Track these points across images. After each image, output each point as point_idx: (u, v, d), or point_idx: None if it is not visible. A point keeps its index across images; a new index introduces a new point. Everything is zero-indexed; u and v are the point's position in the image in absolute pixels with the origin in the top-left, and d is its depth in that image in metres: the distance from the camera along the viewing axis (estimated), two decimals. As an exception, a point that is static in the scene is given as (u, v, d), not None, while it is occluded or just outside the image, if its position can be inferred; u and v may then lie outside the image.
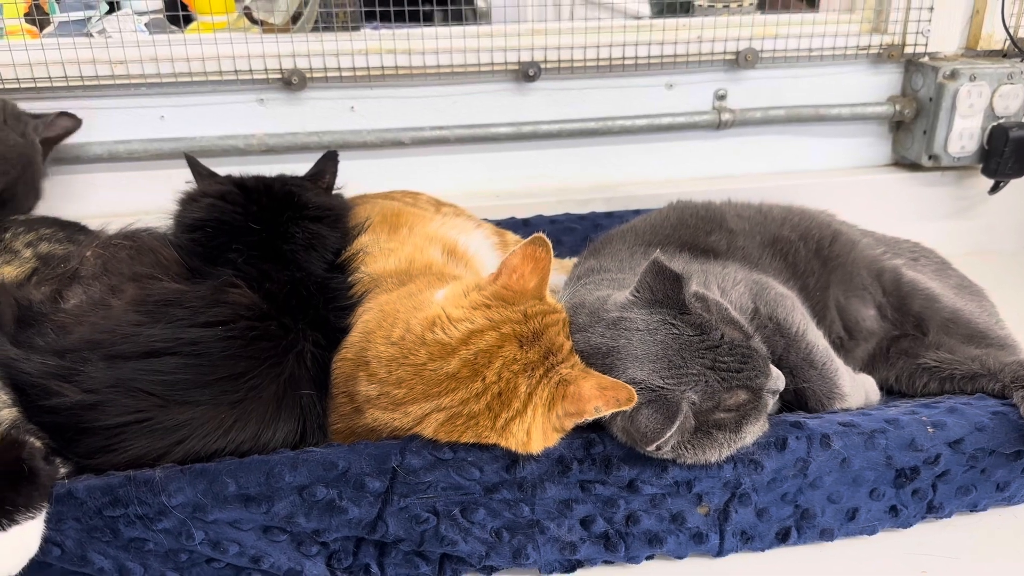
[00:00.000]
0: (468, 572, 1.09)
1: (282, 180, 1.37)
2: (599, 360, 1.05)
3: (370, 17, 1.80)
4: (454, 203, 1.67)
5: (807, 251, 1.38)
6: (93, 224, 1.54)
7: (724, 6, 2.06)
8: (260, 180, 1.36)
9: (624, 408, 0.97)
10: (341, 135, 1.76)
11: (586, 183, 1.94)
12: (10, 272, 1.30)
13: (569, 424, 1.02)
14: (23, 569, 0.92)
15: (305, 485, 0.99)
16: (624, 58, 1.83)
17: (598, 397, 0.98)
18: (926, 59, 1.97)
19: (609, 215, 1.86)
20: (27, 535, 0.90)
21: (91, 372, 1.04)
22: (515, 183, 1.90)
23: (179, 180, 1.73)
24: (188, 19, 1.90)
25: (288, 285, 1.16)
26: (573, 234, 1.83)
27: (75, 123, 1.58)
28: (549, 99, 1.86)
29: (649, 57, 1.85)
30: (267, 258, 1.21)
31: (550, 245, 1.05)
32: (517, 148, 1.88)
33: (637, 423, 0.98)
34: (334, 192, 1.43)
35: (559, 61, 1.80)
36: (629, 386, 0.97)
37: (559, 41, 1.79)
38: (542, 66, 1.80)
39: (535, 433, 0.99)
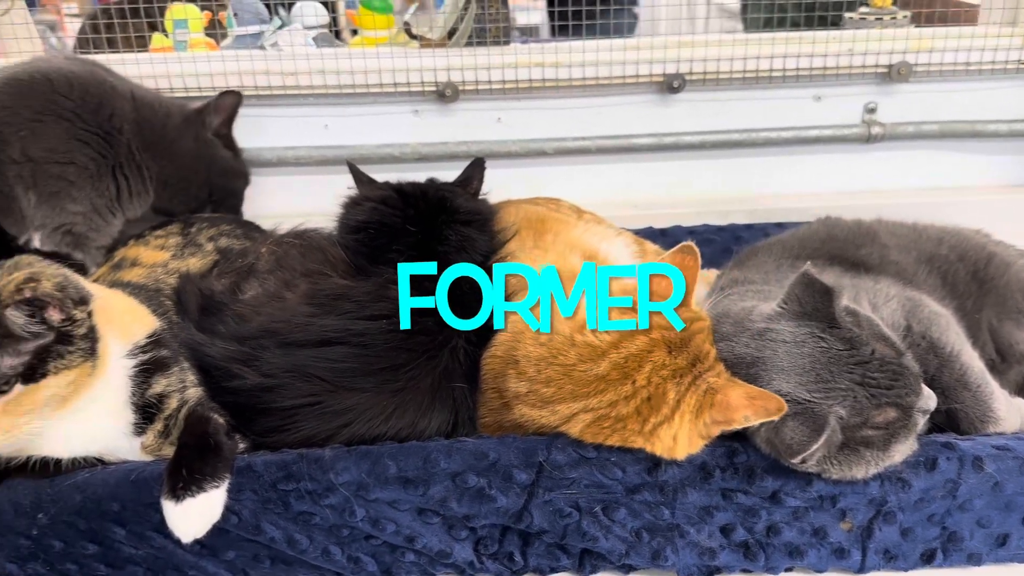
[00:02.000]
0: (607, 569, 1.12)
1: (435, 186, 1.45)
2: (743, 370, 1.06)
3: (526, 32, 1.87)
4: (593, 211, 1.71)
5: (965, 271, 1.34)
6: (265, 223, 1.67)
7: (876, 19, 2.01)
8: (416, 185, 1.44)
9: (772, 418, 0.98)
10: (488, 144, 1.83)
11: (727, 194, 1.94)
12: (194, 263, 1.44)
13: (715, 431, 1.03)
14: (205, 534, 1.01)
15: (458, 472, 1.05)
16: (771, 70, 1.82)
17: (747, 407, 0.99)
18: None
19: (750, 227, 1.85)
20: (212, 502, 1.01)
21: (269, 358, 1.14)
22: (654, 193, 1.92)
23: (340, 185, 1.86)
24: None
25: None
26: (712, 245, 1.83)
27: (237, 98, 1.66)
28: (692, 110, 1.88)
29: (798, 69, 1.83)
30: (424, 258, 1.29)
31: (698, 253, 1.07)
32: (658, 159, 1.90)
33: (782, 435, 0.98)
34: (480, 197, 1.51)
35: (704, 73, 1.82)
36: (778, 396, 0.97)
37: (706, 53, 1.80)
38: (687, 78, 1.81)
39: (681, 439, 1.01)
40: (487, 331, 1.21)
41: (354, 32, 2.16)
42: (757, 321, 1.09)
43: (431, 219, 1.35)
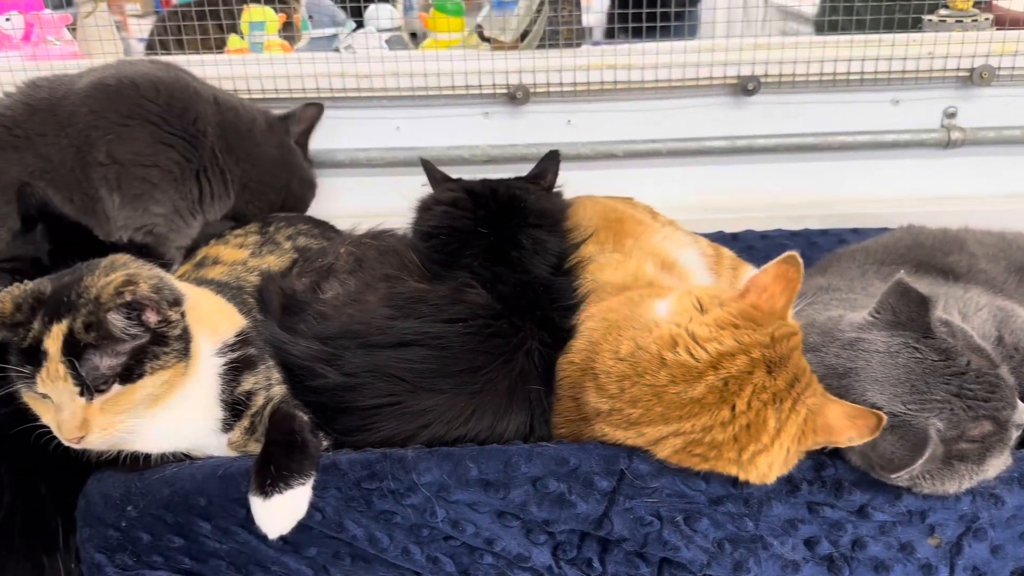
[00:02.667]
0: (686, 579, 1.11)
1: (506, 185, 1.45)
2: (834, 381, 1.03)
3: (590, 33, 1.86)
4: (659, 212, 1.69)
5: (1059, 281, 1.30)
6: (337, 223, 1.69)
7: (957, 21, 1.95)
8: (487, 185, 1.44)
9: (874, 436, 0.95)
10: (557, 147, 1.80)
11: (800, 199, 1.90)
12: (273, 261, 1.46)
13: (812, 449, 1.01)
14: (289, 530, 1.03)
15: (539, 477, 1.05)
16: (849, 73, 1.79)
17: (849, 427, 0.95)
18: None
19: (824, 233, 1.81)
20: (298, 499, 1.02)
21: (350, 358, 1.15)
22: (726, 197, 1.90)
23: (410, 186, 1.87)
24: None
25: (517, 287, 1.23)
26: (785, 250, 1.77)
27: (319, 110, 1.72)
28: (766, 113, 1.85)
29: (876, 73, 1.79)
30: (497, 261, 1.29)
31: (801, 264, 1.03)
32: (730, 162, 1.88)
33: (881, 450, 0.96)
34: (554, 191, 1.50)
35: (780, 76, 1.79)
36: (878, 412, 0.95)
37: (782, 55, 1.77)
38: (762, 80, 1.78)
39: (777, 467, 0.98)
40: (562, 333, 1.20)
41: (412, 35, 2.18)
42: (847, 331, 1.07)
43: (502, 221, 1.35)
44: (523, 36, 1.78)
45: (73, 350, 0.93)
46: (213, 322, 1.09)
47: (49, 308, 0.95)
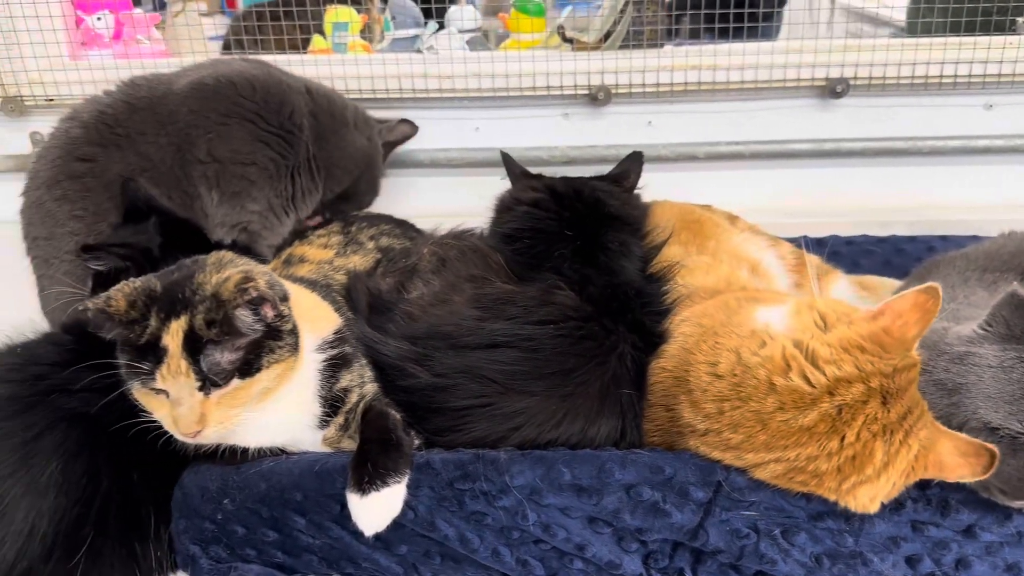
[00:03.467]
0: (781, 593, 1.08)
1: (590, 186, 1.45)
2: (943, 399, 1.00)
3: (673, 34, 1.84)
4: (742, 217, 1.67)
5: None
6: (416, 223, 1.70)
7: (1056, 21, 1.88)
8: (570, 185, 1.44)
9: (988, 475, 0.91)
10: (637, 148, 1.79)
11: (887, 204, 1.85)
12: (358, 261, 1.48)
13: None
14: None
15: (633, 484, 1.03)
16: (942, 76, 1.73)
17: (961, 466, 0.92)
18: None
19: (912, 239, 1.76)
20: (394, 496, 1.03)
21: (441, 358, 1.16)
22: (810, 201, 1.86)
23: (488, 186, 1.87)
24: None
25: (607, 289, 1.22)
26: (871, 257, 1.76)
27: (413, 129, 1.75)
28: (853, 116, 1.81)
29: (970, 76, 1.73)
30: (584, 263, 1.28)
31: (940, 296, 0.97)
32: (815, 165, 1.84)
33: (1005, 475, 0.91)
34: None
35: (869, 78, 1.74)
36: (991, 447, 0.90)
37: (872, 58, 1.73)
38: (851, 83, 1.74)
39: (880, 498, 0.95)
40: (653, 338, 1.19)
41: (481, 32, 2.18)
42: (955, 344, 1.03)
43: (587, 223, 1.34)
44: (606, 37, 1.77)
45: (193, 346, 0.96)
46: (313, 318, 1.11)
47: (163, 305, 0.98)
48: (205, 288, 0.98)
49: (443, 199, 1.88)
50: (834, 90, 1.75)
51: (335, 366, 1.11)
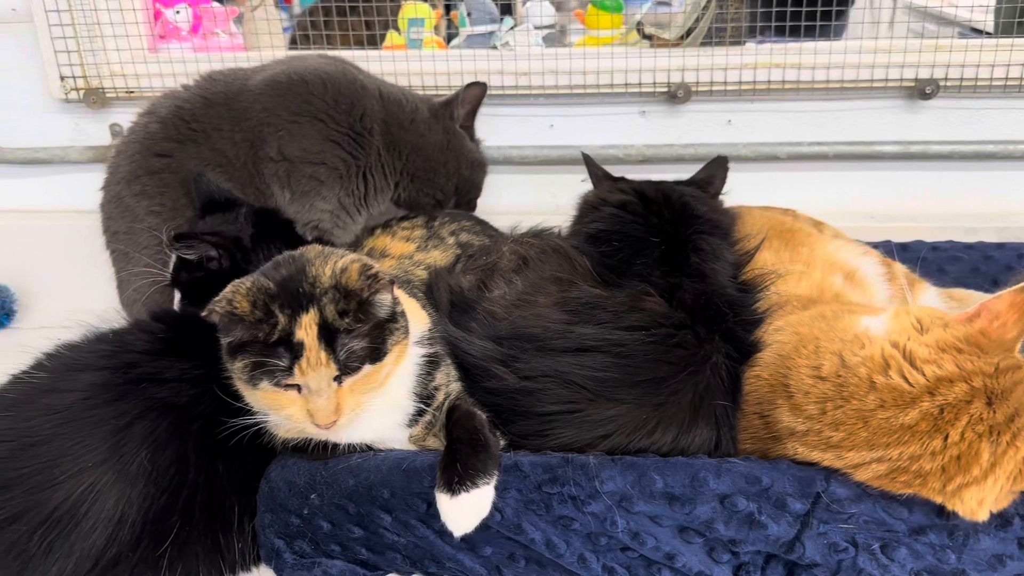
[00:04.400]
0: (877, 609, 1.05)
1: (677, 190, 1.41)
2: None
3: (753, 32, 1.80)
4: (825, 222, 1.62)
5: None
6: (489, 221, 1.69)
7: None
8: (658, 189, 1.40)
9: None
10: (716, 147, 1.78)
11: (975, 210, 1.79)
12: (438, 256, 1.47)
13: None
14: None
15: (727, 494, 1.01)
16: (1037, 77, 1.67)
17: None
18: None
19: (1001, 246, 1.70)
20: (483, 498, 1.02)
21: (528, 361, 1.14)
22: (894, 205, 1.81)
23: (561, 185, 1.86)
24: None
25: (700, 296, 1.19)
26: (959, 264, 1.70)
27: (482, 89, 1.66)
28: (942, 119, 1.75)
29: (1069, 77, 1.67)
30: (673, 269, 1.25)
31: None
32: (901, 168, 1.78)
33: None
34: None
35: (961, 80, 1.68)
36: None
37: (964, 59, 1.67)
38: (941, 84, 1.68)
39: (988, 503, 0.92)
40: (746, 347, 1.16)
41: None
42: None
43: (677, 228, 1.31)
44: (686, 34, 1.74)
45: (328, 336, 0.96)
46: (409, 309, 1.10)
47: (285, 301, 0.97)
48: (322, 280, 0.99)
49: (515, 197, 1.87)
50: (923, 91, 1.69)
51: (431, 363, 1.11)
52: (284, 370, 0.96)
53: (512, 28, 1.87)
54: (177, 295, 1.36)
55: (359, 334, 0.98)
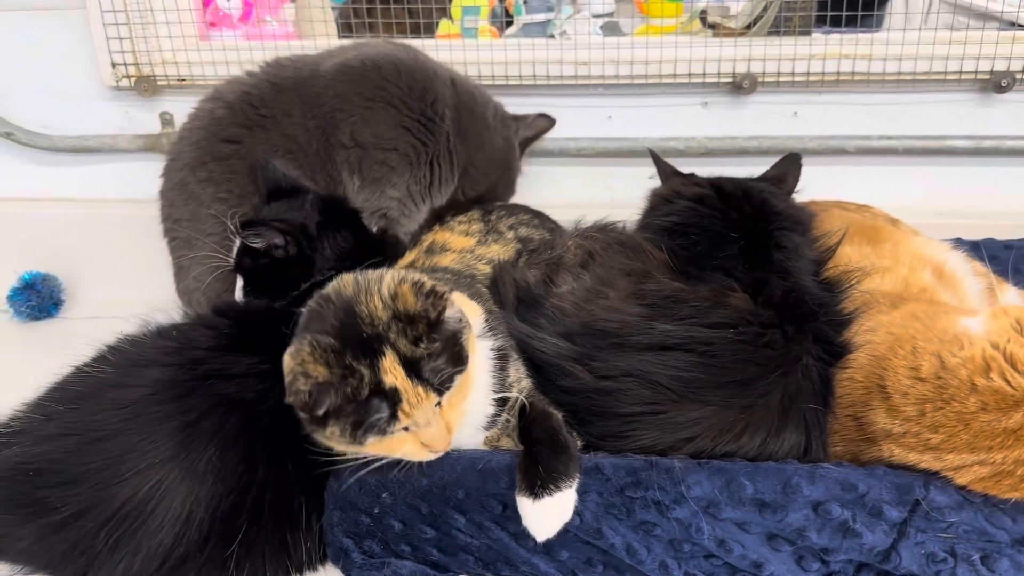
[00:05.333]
0: (976, 623, 1.00)
1: (757, 186, 1.37)
2: None
3: (821, 21, 1.75)
4: (900, 220, 1.57)
5: None
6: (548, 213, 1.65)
7: None
8: (734, 184, 1.36)
9: None
10: (781, 140, 1.73)
11: (1051, 207, 1.73)
12: (498, 251, 1.43)
13: None
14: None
15: (821, 501, 0.97)
16: (1120, 70, 1.60)
17: None
18: None
19: (1078, 245, 1.64)
20: (566, 502, 0.98)
21: (605, 358, 1.10)
22: (965, 201, 1.75)
23: (617, 177, 1.82)
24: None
25: (789, 294, 1.14)
26: (1032, 263, 1.64)
27: (550, 123, 1.70)
28: (1018, 113, 1.69)
29: None
30: (753, 266, 1.21)
31: None
32: (973, 164, 1.72)
33: None
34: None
35: (1039, 72, 1.62)
36: None
37: (1043, 49, 1.61)
38: (1018, 76, 1.62)
39: None
40: (835, 348, 1.12)
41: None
42: None
43: (757, 224, 1.26)
44: (753, 23, 1.68)
45: (414, 369, 0.92)
46: (463, 304, 1.07)
47: (355, 352, 0.92)
48: (379, 315, 0.93)
49: (570, 190, 1.83)
50: (999, 84, 1.63)
51: (502, 356, 1.07)
52: (388, 419, 0.92)
53: (569, 17, 1.83)
54: (240, 281, 1.34)
55: (438, 352, 0.94)
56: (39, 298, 1.91)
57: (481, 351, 1.04)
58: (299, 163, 1.42)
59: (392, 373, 0.91)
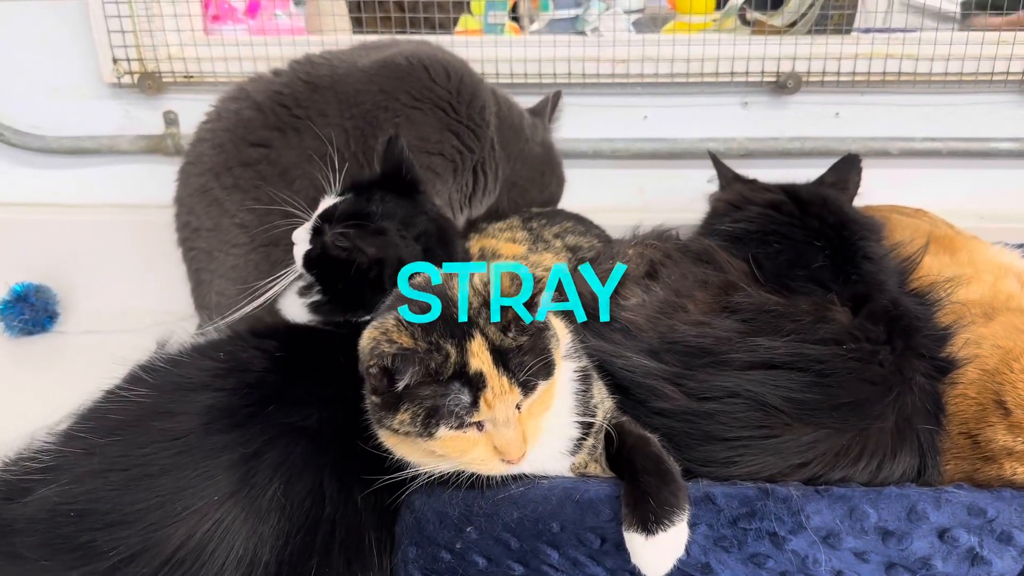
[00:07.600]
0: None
1: (832, 193, 1.32)
2: None
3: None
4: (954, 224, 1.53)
5: None
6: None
7: None
8: (810, 191, 1.31)
9: None
10: (824, 142, 1.68)
11: (1098, 211, 1.71)
12: (551, 259, 1.36)
13: None
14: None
15: (947, 527, 0.91)
16: None
17: None
18: None
19: (1125, 249, 1.62)
20: (680, 536, 0.91)
21: (702, 378, 1.03)
22: (1011, 205, 1.72)
23: (653, 179, 1.76)
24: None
25: (891, 308, 1.09)
26: (1079, 267, 1.61)
27: (557, 96, 1.62)
28: (1063, 114, 1.66)
29: None
30: (839, 277, 1.15)
31: None
32: (1018, 166, 1.69)
33: None
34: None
35: (1086, 73, 1.60)
36: None
37: (1091, 50, 1.58)
38: (1066, 77, 1.60)
39: None
40: (945, 363, 1.06)
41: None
42: None
43: (840, 233, 1.21)
44: (794, 21, 1.63)
45: (501, 358, 0.85)
46: (550, 318, 0.99)
47: (441, 330, 0.85)
48: (470, 298, 0.86)
49: (603, 193, 1.75)
50: (1043, 85, 1.61)
51: (585, 377, 1.00)
52: (468, 407, 0.84)
53: (601, 12, 1.75)
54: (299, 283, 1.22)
55: (526, 348, 0.87)
56: (32, 311, 1.77)
57: (565, 370, 0.97)
58: (334, 167, 1.31)
59: (479, 356, 0.84)
